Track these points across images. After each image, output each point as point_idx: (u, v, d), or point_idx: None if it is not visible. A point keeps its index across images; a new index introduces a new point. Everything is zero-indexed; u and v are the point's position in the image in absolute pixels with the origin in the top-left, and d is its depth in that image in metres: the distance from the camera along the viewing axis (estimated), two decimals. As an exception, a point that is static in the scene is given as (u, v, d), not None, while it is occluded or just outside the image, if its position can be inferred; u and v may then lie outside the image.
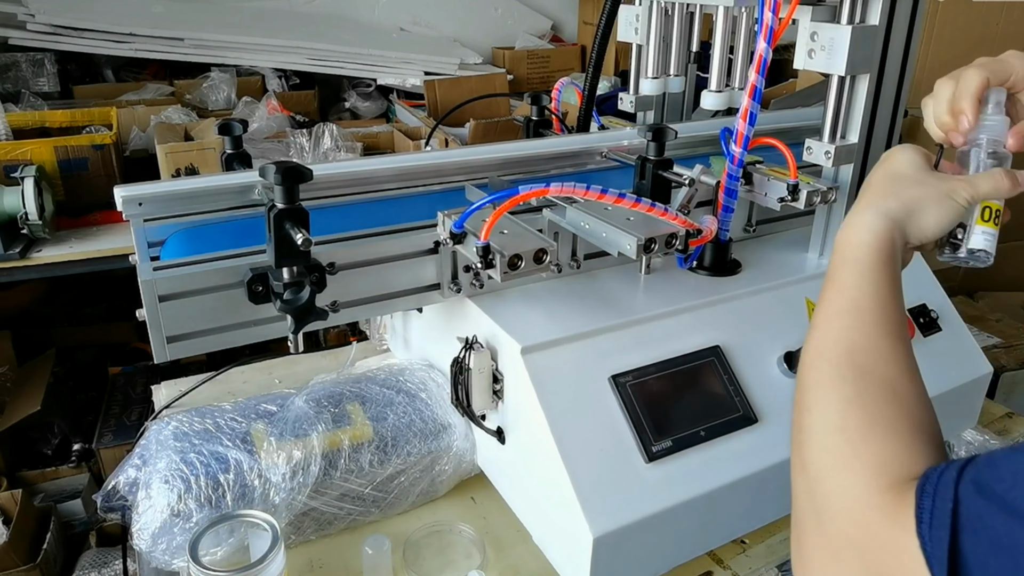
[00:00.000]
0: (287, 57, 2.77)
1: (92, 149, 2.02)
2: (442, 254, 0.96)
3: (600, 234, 0.94)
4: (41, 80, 2.66)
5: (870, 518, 0.48)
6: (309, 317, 0.85)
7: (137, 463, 0.93)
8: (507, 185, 0.94)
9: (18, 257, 1.85)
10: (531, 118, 1.34)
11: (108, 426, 2.24)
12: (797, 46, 0.98)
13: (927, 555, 0.41)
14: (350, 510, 0.97)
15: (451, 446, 1.01)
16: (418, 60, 2.87)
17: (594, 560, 0.80)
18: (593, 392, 0.87)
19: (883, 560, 0.46)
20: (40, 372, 2.32)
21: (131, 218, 0.91)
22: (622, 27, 1.30)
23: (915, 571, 0.42)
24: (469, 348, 0.92)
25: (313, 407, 0.99)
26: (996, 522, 0.38)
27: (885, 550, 0.46)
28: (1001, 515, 0.38)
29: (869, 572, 0.47)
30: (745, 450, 0.90)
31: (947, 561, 0.39)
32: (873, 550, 0.47)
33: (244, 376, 1.30)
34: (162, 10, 2.79)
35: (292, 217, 0.80)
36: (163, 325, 0.83)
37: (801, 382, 0.59)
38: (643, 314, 0.96)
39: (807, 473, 0.54)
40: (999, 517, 0.38)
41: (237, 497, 0.89)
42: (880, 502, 0.48)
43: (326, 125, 2.17)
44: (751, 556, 0.97)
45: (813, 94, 1.54)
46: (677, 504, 0.84)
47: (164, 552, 0.87)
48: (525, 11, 3.51)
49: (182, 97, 2.63)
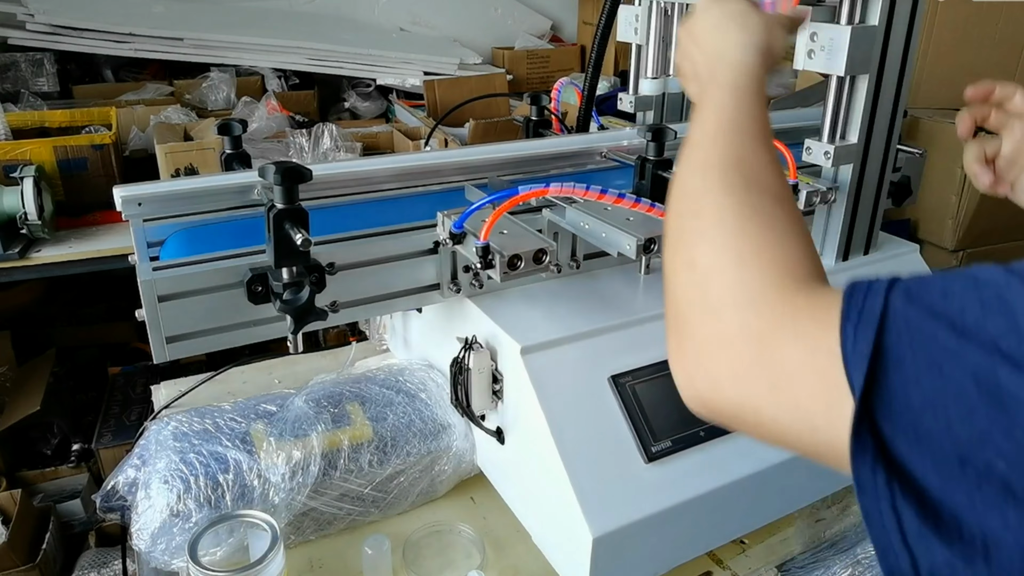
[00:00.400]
0: (287, 57, 2.77)
1: (92, 149, 2.02)
2: (442, 254, 0.96)
3: (600, 234, 0.93)
4: (41, 80, 2.66)
5: (782, 310, 0.47)
6: (309, 317, 0.85)
7: (136, 463, 0.93)
8: (507, 185, 0.94)
9: (17, 257, 1.85)
10: (531, 118, 1.34)
11: (108, 426, 2.24)
12: (797, 46, 0.98)
13: (845, 352, 0.40)
14: (350, 510, 0.97)
15: (451, 446, 1.01)
16: (418, 60, 2.87)
17: (594, 560, 0.80)
18: (593, 392, 0.87)
19: (787, 353, 0.45)
20: (40, 372, 2.32)
21: (130, 218, 0.91)
22: (622, 27, 1.30)
23: (826, 368, 0.41)
24: (469, 348, 0.92)
25: (313, 407, 0.99)
26: (924, 326, 0.38)
27: (793, 343, 0.45)
28: (929, 320, 0.38)
29: (765, 362, 0.46)
30: (744, 450, 0.90)
31: (868, 357, 0.39)
32: (778, 340, 0.46)
33: (244, 376, 1.30)
34: (162, 10, 2.79)
35: (292, 217, 0.80)
36: (163, 325, 0.83)
37: (684, 190, 0.60)
38: (643, 314, 0.96)
39: (696, 270, 0.54)
40: (927, 322, 0.38)
41: (236, 497, 0.89)
42: (794, 296, 0.47)
43: (326, 125, 2.17)
44: (750, 556, 0.97)
45: (812, 94, 1.54)
46: (676, 504, 0.84)
47: (163, 552, 0.87)
48: (525, 11, 3.51)
49: (182, 97, 2.63)
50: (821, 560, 0.98)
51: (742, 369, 0.47)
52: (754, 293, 0.49)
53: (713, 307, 0.51)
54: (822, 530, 1.02)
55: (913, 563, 0.37)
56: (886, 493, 0.38)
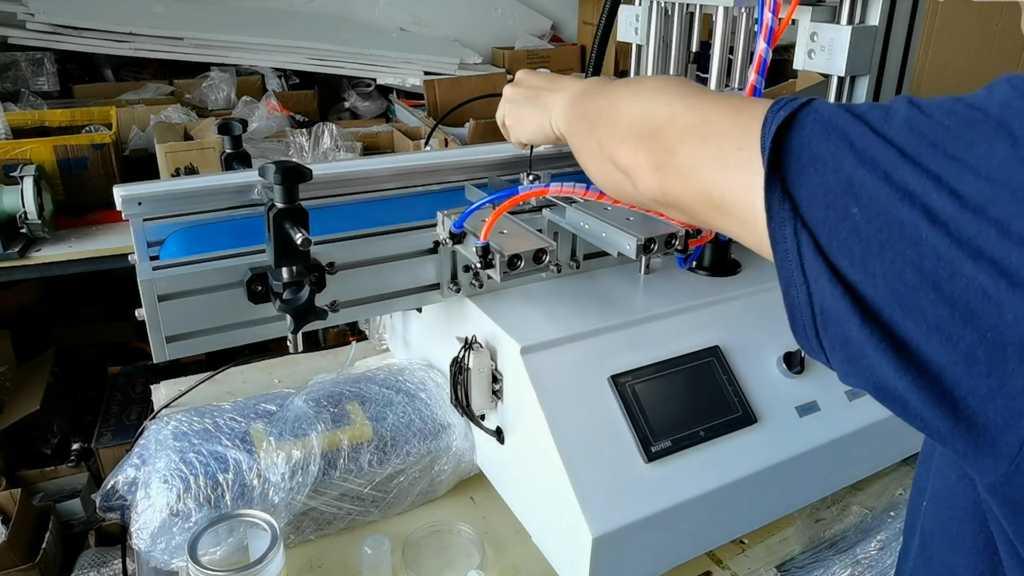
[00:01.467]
0: (287, 57, 2.77)
1: (92, 148, 2.02)
2: (441, 254, 0.96)
3: (600, 234, 0.93)
4: (41, 79, 2.66)
5: (727, 105, 0.55)
6: (308, 317, 0.85)
7: (136, 463, 0.93)
8: (507, 185, 0.94)
9: (17, 257, 1.85)
10: (531, 118, 1.34)
11: (107, 426, 2.24)
12: (797, 46, 0.98)
13: (767, 117, 0.48)
14: (349, 510, 0.97)
15: (450, 446, 1.01)
16: (418, 60, 2.87)
17: (593, 560, 0.80)
18: (592, 392, 0.87)
19: (723, 124, 0.54)
20: (40, 372, 2.32)
21: (130, 218, 0.91)
22: (622, 27, 1.30)
23: (748, 126, 0.50)
24: (468, 348, 0.92)
25: (312, 407, 0.99)
26: (832, 112, 0.46)
27: (728, 119, 0.53)
28: (840, 110, 0.46)
29: (703, 133, 0.55)
30: (744, 450, 0.90)
31: (784, 118, 0.47)
32: (718, 122, 0.54)
33: (243, 376, 1.30)
34: (162, 9, 2.79)
35: (292, 217, 0.80)
36: (162, 325, 0.83)
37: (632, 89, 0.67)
38: (643, 314, 0.96)
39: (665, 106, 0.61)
40: (835, 109, 0.46)
41: (236, 497, 0.89)
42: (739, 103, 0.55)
43: (326, 125, 2.17)
44: (750, 556, 0.97)
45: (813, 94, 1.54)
46: (676, 504, 0.84)
47: (163, 552, 0.87)
48: (525, 11, 3.51)
49: (182, 97, 2.63)
50: (821, 560, 0.98)
51: (686, 132, 0.56)
52: (692, 92, 0.60)
53: (659, 105, 0.61)
54: (822, 530, 1.02)
55: (808, 293, 0.45)
56: (790, 219, 0.46)
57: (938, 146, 0.41)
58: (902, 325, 0.41)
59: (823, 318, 0.45)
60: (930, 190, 0.40)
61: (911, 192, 0.41)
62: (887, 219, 0.41)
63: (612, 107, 0.67)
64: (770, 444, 0.92)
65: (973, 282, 0.38)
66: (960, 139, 0.41)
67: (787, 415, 0.94)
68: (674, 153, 0.57)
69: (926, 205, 0.40)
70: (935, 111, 0.43)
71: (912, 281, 0.40)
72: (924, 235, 0.40)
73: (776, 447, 0.92)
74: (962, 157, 0.40)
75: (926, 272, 0.40)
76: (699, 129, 0.55)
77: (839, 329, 0.44)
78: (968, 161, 0.40)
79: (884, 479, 1.10)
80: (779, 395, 0.95)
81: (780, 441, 0.92)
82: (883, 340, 0.42)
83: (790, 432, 0.93)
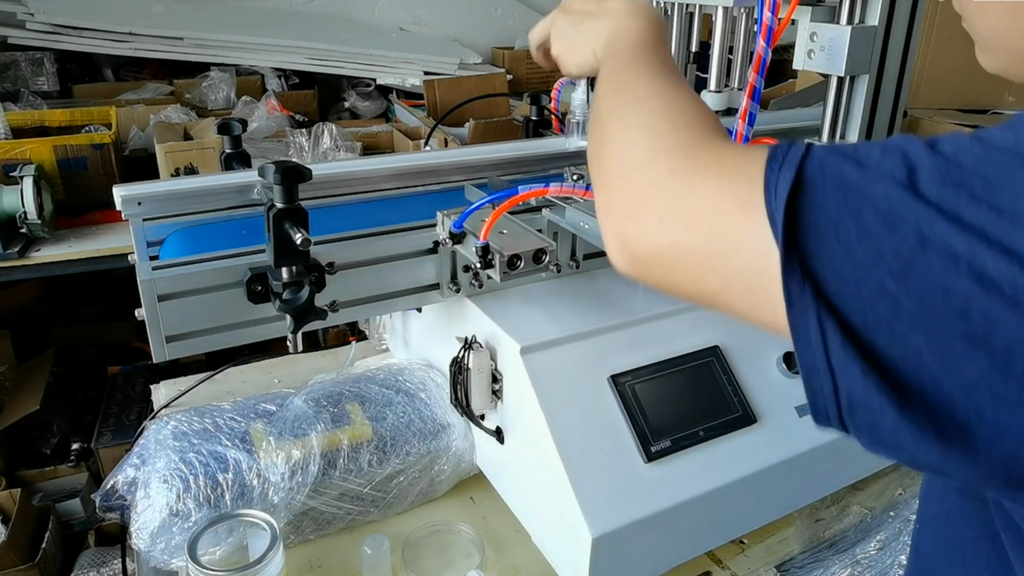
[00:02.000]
0: (287, 57, 2.77)
1: (91, 148, 2.02)
2: (441, 254, 0.96)
3: (600, 234, 0.93)
4: (40, 79, 2.66)
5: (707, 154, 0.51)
6: (308, 317, 0.85)
7: (136, 462, 0.93)
8: (506, 185, 0.94)
9: (17, 256, 1.85)
10: (531, 118, 1.34)
11: (107, 425, 2.24)
12: (796, 46, 0.98)
13: (768, 181, 0.44)
14: (349, 510, 0.97)
15: (450, 446, 1.01)
16: (418, 60, 2.87)
17: (593, 560, 0.80)
18: (592, 392, 0.88)
19: (710, 188, 0.48)
20: (39, 371, 2.32)
21: (130, 217, 0.91)
22: (622, 27, 1.30)
23: (745, 194, 0.45)
24: (468, 348, 0.92)
25: (312, 407, 0.99)
26: (836, 165, 0.42)
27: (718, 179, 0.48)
28: (841, 160, 0.42)
29: (689, 198, 0.49)
30: (744, 450, 0.90)
31: (790, 185, 0.42)
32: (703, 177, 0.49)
33: (243, 376, 1.30)
34: (162, 9, 2.79)
35: (291, 217, 0.80)
36: (162, 325, 0.83)
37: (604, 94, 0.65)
38: (642, 314, 0.96)
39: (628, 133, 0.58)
40: (839, 162, 0.42)
41: (236, 496, 0.89)
42: (718, 145, 0.51)
43: (325, 125, 2.17)
44: (750, 556, 0.97)
45: (812, 95, 1.54)
46: (676, 504, 0.84)
47: (163, 551, 0.87)
48: (525, 11, 3.51)
49: (181, 96, 2.63)
50: (820, 560, 0.98)
51: (667, 210, 0.51)
52: (681, 142, 0.54)
53: (644, 160, 0.55)
54: (821, 530, 1.02)
55: (834, 384, 0.40)
56: (812, 305, 0.40)
57: (979, 199, 0.37)
58: (948, 402, 0.37)
59: (850, 407, 0.41)
60: (978, 250, 0.36)
61: (955, 254, 0.36)
62: (928, 288, 0.37)
63: (608, 127, 0.61)
64: (770, 444, 0.92)
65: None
66: (1002, 189, 0.36)
67: (787, 415, 0.94)
68: (649, 235, 0.52)
69: (975, 267, 0.36)
70: (963, 158, 0.38)
71: (960, 351, 0.36)
72: (973, 302, 0.36)
73: (776, 447, 0.92)
74: (1009, 209, 0.36)
75: (978, 340, 0.36)
76: (683, 205, 0.50)
77: (869, 417, 0.40)
78: (1018, 213, 0.35)
79: (884, 479, 1.10)
80: (779, 395, 0.95)
81: (780, 441, 0.92)
82: (924, 427, 0.38)
83: (790, 432, 0.93)
